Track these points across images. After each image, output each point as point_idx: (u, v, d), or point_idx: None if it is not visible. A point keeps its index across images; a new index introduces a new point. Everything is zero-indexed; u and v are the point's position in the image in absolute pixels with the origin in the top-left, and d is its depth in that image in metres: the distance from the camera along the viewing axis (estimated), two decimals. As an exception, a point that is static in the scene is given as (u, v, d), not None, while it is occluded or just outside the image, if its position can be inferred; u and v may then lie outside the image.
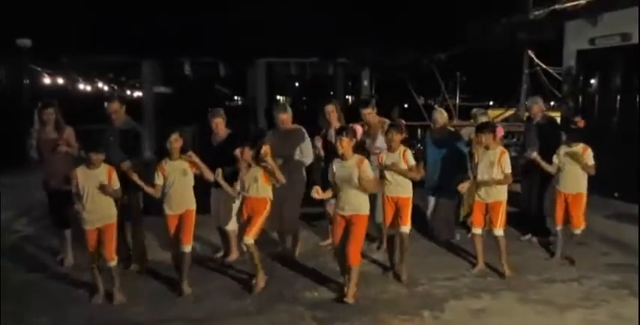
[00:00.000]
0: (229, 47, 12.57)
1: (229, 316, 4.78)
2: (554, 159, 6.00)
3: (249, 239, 5.21)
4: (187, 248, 5.24)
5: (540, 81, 14.02)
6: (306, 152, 6.24)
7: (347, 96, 21.72)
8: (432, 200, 6.78)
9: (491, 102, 30.62)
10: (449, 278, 5.58)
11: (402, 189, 5.65)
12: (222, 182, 5.34)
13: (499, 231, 5.66)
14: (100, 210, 4.97)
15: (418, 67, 16.21)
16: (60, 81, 30.98)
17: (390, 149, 5.66)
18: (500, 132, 6.10)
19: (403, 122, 6.61)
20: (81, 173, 4.95)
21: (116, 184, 5.01)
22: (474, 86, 32.95)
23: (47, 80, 28.93)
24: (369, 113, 6.58)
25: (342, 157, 5.07)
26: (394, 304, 4.59)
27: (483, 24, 12.94)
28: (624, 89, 9.62)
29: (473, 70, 27.54)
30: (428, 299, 5.12)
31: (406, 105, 24.95)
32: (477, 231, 5.82)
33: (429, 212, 6.86)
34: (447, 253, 6.43)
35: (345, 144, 5.01)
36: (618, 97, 9.76)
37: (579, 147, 5.87)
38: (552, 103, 16.15)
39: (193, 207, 5.30)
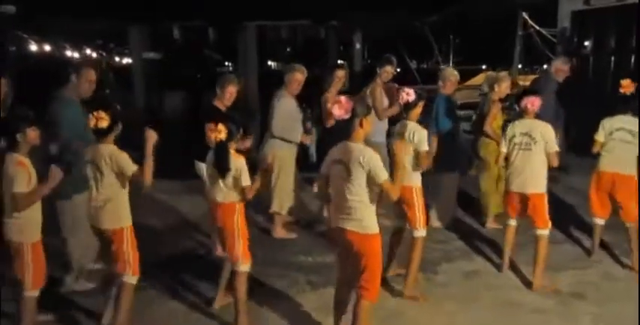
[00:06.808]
0: (218, 10, 12.29)
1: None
2: (597, 135, 5.01)
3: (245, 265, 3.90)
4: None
5: (534, 43, 13.84)
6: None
7: (340, 61, 21.44)
8: None
9: (484, 66, 30.43)
10: (441, 241, 5.60)
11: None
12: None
13: (543, 231, 4.67)
14: None
15: (411, 30, 15.96)
16: (47, 48, 30.55)
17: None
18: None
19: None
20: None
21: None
22: (468, 49, 32.72)
23: (34, 47, 28.52)
24: (390, 72, 5.79)
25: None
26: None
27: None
28: (619, 50, 9.53)
29: (466, 33, 27.27)
30: (421, 261, 5.13)
31: (398, 70, 24.75)
32: (512, 222, 4.86)
33: None
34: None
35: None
36: (613, 58, 9.68)
37: (630, 120, 4.89)
38: (545, 66, 16.02)
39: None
